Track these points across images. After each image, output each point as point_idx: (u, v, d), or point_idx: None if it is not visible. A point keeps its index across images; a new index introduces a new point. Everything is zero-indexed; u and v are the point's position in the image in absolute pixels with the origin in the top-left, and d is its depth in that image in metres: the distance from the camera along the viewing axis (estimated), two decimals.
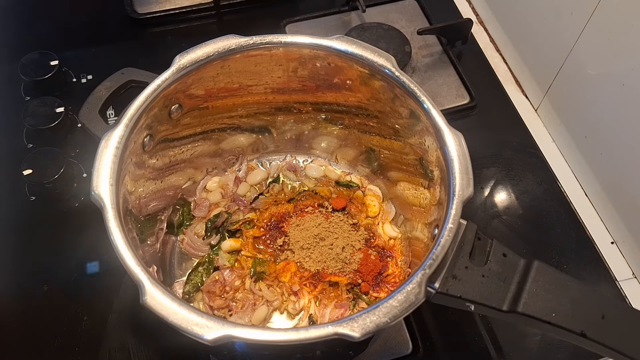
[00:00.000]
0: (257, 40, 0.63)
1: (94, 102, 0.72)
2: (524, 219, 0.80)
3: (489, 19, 1.02)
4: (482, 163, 0.85)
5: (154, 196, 0.67)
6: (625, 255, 0.80)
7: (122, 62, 0.75)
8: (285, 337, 0.47)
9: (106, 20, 0.98)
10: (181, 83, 0.62)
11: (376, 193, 0.76)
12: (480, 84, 0.92)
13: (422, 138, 0.63)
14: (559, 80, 0.87)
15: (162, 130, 0.64)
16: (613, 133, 0.78)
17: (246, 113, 0.73)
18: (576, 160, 0.86)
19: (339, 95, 0.70)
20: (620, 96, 0.74)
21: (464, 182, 0.55)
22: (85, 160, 0.81)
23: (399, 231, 0.73)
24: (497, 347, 0.70)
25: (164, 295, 0.48)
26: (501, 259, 0.54)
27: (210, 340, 0.46)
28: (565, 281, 0.53)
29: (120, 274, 0.69)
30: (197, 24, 0.98)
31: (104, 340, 0.69)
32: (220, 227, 0.73)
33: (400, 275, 0.69)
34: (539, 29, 0.89)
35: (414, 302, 0.49)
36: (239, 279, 0.69)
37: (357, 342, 0.47)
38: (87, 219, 0.75)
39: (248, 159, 0.79)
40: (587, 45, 0.79)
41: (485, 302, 0.52)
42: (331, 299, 0.68)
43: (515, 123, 0.90)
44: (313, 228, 0.70)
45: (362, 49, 0.62)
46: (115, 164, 0.55)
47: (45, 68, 0.84)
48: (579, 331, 0.51)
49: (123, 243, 0.51)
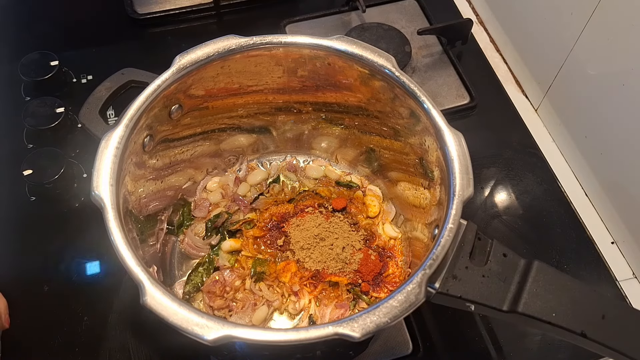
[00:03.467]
0: (257, 41, 0.63)
1: (94, 103, 0.72)
2: (524, 219, 0.80)
3: (489, 19, 1.02)
4: (482, 163, 0.85)
5: (154, 196, 0.67)
6: (625, 255, 0.80)
7: (122, 62, 0.75)
8: (286, 337, 0.47)
9: (106, 20, 0.98)
10: (181, 83, 0.62)
11: (376, 193, 0.76)
12: (481, 84, 0.92)
13: (422, 138, 0.63)
14: (559, 80, 0.87)
15: (162, 130, 0.64)
16: (613, 133, 0.78)
17: (246, 113, 0.73)
18: (576, 160, 0.86)
19: (339, 96, 0.70)
20: (621, 96, 0.74)
21: (464, 182, 0.55)
22: (85, 160, 0.81)
23: (399, 231, 0.73)
24: (497, 347, 0.70)
25: (164, 296, 0.48)
26: (501, 259, 0.54)
27: (211, 341, 0.46)
28: (565, 281, 0.53)
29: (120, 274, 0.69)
30: (197, 24, 0.98)
31: (104, 340, 0.69)
32: (220, 228, 0.73)
33: (400, 276, 0.69)
34: (539, 29, 0.89)
35: (414, 302, 0.49)
36: (239, 279, 0.69)
37: (357, 342, 0.47)
38: (87, 219, 0.75)
39: (248, 159, 0.79)
40: (587, 45, 0.79)
41: (485, 302, 0.52)
42: (331, 299, 0.68)
43: (516, 123, 0.90)
44: (313, 228, 0.70)
45: (362, 49, 0.62)
46: (116, 164, 0.55)
47: (45, 68, 0.84)
48: (579, 331, 0.51)
49: (123, 243, 0.51)
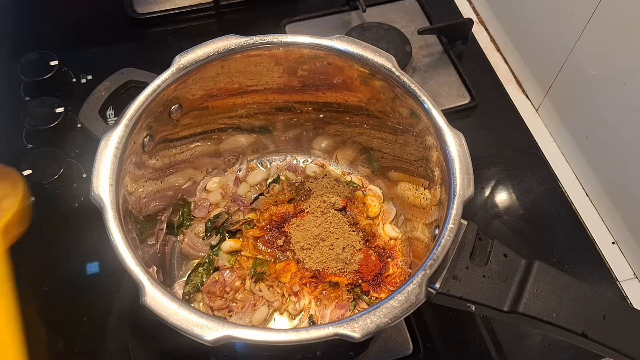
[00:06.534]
0: (257, 40, 0.63)
1: (93, 102, 0.72)
2: (525, 219, 0.80)
3: (490, 19, 1.02)
4: (482, 163, 0.85)
5: (154, 196, 0.67)
6: (626, 255, 0.80)
7: (122, 62, 0.75)
8: (286, 337, 0.47)
9: (106, 20, 0.98)
10: (181, 83, 0.62)
11: (376, 193, 0.76)
12: (481, 83, 0.92)
13: (422, 138, 0.63)
14: (560, 80, 0.86)
15: (162, 130, 0.64)
16: (614, 133, 0.78)
17: (246, 113, 0.73)
18: (577, 160, 0.86)
19: (339, 95, 0.70)
20: (621, 96, 0.74)
21: (464, 182, 0.55)
22: (85, 160, 0.81)
23: (400, 231, 0.73)
24: (498, 347, 0.70)
25: (164, 296, 0.48)
26: (502, 259, 0.54)
27: (211, 341, 0.46)
28: (566, 281, 0.53)
29: (120, 274, 0.69)
30: (197, 24, 0.98)
31: (104, 341, 0.69)
32: (220, 228, 0.73)
33: (400, 276, 0.69)
34: (539, 28, 0.89)
35: (414, 303, 0.49)
36: (239, 279, 0.69)
37: (357, 342, 0.47)
38: (87, 219, 0.75)
39: (248, 159, 0.79)
40: (588, 45, 0.79)
41: (486, 302, 0.52)
42: (331, 299, 0.68)
43: (516, 123, 0.90)
44: (313, 228, 0.70)
45: (363, 48, 0.62)
46: (115, 164, 0.55)
47: (45, 68, 0.84)
48: (580, 331, 0.51)
49: (123, 243, 0.51)
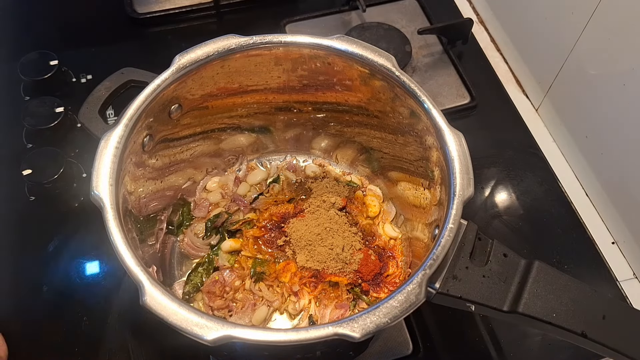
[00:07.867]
0: (257, 40, 0.63)
1: (93, 102, 0.72)
2: (525, 219, 0.80)
3: (490, 19, 1.02)
4: (482, 163, 0.85)
5: (153, 196, 0.67)
6: (626, 255, 0.80)
7: (122, 62, 0.75)
8: (286, 337, 0.47)
9: (106, 20, 0.98)
10: (181, 83, 0.62)
11: (376, 193, 0.76)
12: (481, 83, 0.92)
13: (422, 138, 0.63)
14: (560, 80, 0.86)
15: (162, 130, 0.64)
16: (614, 133, 0.78)
17: (246, 113, 0.73)
18: (577, 160, 0.86)
19: (339, 95, 0.70)
20: (621, 96, 0.74)
21: (464, 182, 0.55)
22: (85, 160, 0.81)
23: (399, 231, 0.73)
24: (497, 347, 0.70)
25: (164, 296, 0.48)
26: (502, 259, 0.54)
27: (210, 341, 0.46)
28: (566, 281, 0.53)
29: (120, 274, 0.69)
30: (197, 24, 0.98)
31: (104, 341, 0.69)
32: (220, 228, 0.73)
33: (400, 276, 0.69)
34: (539, 28, 0.89)
35: (414, 303, 0.49)
36: (239, 279, 0.69)
37: (357, 342, 0.47)
38: (87, 219, 0.75)
39: (248, 159, 0.79)
40: (588, 45, 0.79)
41: (485, 302, 0.52)
42: (331, 299, 0.68)
43: (516, 123, 0.90)
44: (313, 228, 0.70)
45: (363, 48, 0.62)
46: (115, 164, 0.55)
47: (45, 68, 0.84)
48: (579, 331, 0.51)
49: (123, 243, 0.51)
